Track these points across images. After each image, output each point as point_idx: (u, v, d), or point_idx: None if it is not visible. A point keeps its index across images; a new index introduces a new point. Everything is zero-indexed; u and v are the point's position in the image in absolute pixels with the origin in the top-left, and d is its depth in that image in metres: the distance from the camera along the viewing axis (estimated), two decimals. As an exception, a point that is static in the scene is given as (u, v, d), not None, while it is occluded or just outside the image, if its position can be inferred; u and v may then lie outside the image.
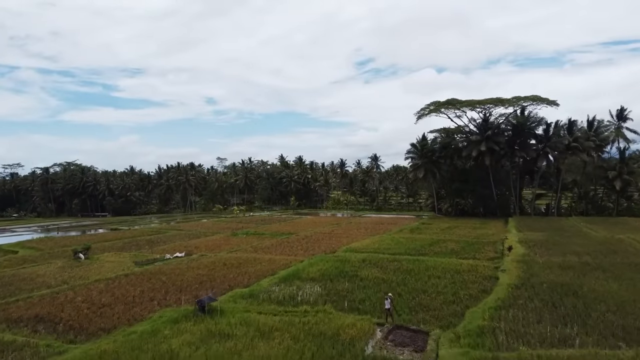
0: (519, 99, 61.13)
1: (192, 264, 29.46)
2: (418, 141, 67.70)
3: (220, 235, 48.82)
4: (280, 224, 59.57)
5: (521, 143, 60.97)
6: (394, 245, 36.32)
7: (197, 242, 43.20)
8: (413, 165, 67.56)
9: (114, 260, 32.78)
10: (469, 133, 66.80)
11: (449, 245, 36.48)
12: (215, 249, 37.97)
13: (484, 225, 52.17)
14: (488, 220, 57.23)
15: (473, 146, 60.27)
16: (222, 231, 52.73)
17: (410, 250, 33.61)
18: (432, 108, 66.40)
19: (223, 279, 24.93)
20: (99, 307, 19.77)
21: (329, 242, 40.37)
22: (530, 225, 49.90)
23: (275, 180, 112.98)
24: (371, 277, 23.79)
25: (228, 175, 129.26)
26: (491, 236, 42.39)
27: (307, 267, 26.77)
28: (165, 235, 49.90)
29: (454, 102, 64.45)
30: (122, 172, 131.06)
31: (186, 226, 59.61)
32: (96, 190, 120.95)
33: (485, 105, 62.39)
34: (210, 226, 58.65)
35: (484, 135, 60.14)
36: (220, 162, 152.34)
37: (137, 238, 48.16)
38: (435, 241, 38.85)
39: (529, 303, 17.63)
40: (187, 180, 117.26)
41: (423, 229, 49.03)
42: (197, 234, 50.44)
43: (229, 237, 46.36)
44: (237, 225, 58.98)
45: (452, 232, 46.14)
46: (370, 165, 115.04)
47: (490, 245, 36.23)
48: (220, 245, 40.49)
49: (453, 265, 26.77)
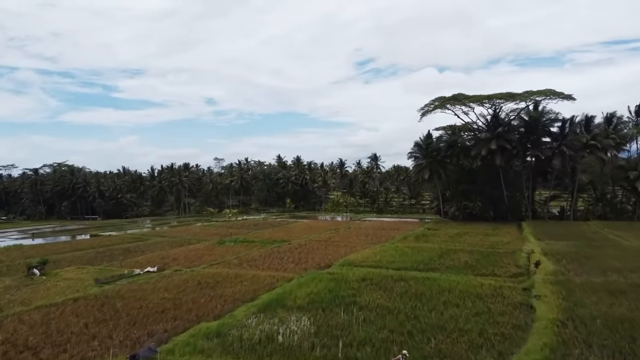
0: (531, 94, 56.49)
1: (161, 284, 24.84)
2: (422, 139, 62.88)
3: (205, 243, 44.25)
4: (274, 230, 54.97)
5: (534, 141, 56.27)
6: (398, 258, 31.70)
7: (177, 252, 38.62)
8: (417, 165, 62.73)
9: (73, 277, 28.17)
10: (477, 130, 62.18)
11: (462, 256, 31.87)
12: (195, 261, 33.42)
13: (496, 231, 47.55)
14: (499, 225, 52.58)
15: (482, 144, 55.51)
16: (210, 238, 48.16)
17: (418, 264, 29.00)
18: (437, 104, 61.77)
19: (191, 305, 20.30)
20: (18, 352, 15.17)
21: (324, 252, 35.76)
22: (547, 231, 45.28)
23: (271, 181, 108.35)
24: (373, 304, 19.17)
25: (224, 176, 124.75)
26: (507, 245, 37.79)
27: (295, 288, 22.15)
28: (146, 244, 45.35)
29: (460, 97, 59.83)
30: (113, 173, 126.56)
31: (172, 232, 55.01)
32: (86, 192, 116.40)
33: (495, 101, 57.72)
34: (198, 232, 54.08)
35: (494, 133, 55.41)
36: (218, 162, 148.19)
37: (114, 247, 43.60)
38: (445, 252, 34.23)
39: (589, 355, 12.95)
40: (180, 182, 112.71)
41: (429, 235, 44.38)
42: (181, 242, 45.89)
43: (215, 246, 41.77)
44: (226, 231, 54.40)
45: (462, 239, 41.52)
46: (370, 165, 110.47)
47: (509, 257, 31.65)
48: (202, 256, 35.90)
49: (472, 286, 22.14)
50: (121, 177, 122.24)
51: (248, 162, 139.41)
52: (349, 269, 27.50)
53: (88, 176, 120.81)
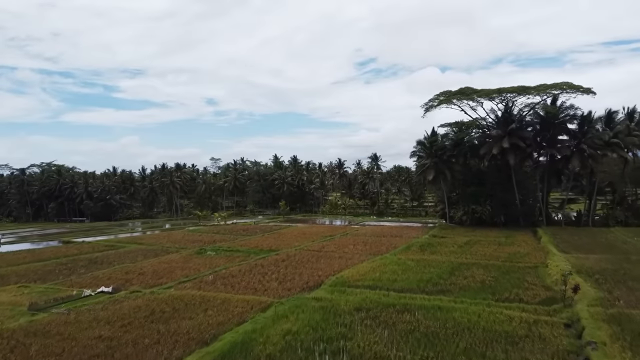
0: (546, 87, 51.45)
1: (105, 313, 19.86)
2: (427, 137, 57.59)
3: (184, 252, 39.32)
4: (263, 236, 49.99)
5: (550, 139, 51.19)
6: (401, 275, 26.75)
7: (147, 264, 33.66)
8: (420, 165, 57.48)
9: (7, 300, 23.19)
10: (487, 127, 57.15)
11: (476, 273, 26.92)
12: (164, 277, 28.51)
13: (510, 239, 42.52)
14: (512, 232, 47.54)
15: (493, 142, 50.38)
16: (190, 246, 43.22)
17: (426, 284, 24.05)
18: (442, 99, 56.73)
19: (129, 350, 15.29)
20: None
21: (315, 266, 30.80)
22: (569, 240, 40.25)
23: (266, 182, 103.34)
24: (369, 353, 14.18)
25: (217, 176, 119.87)
26: (526, 257, 32.80)
27: (269, 324, 17.17)
28: (118, 253, 40.47)
29: (467, 91, 54.82)
30: (102, 173, 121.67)
31: (150, 239, 50.00)
32: (73, 193, 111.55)
33: (506, 95, 52.65)
34: (179, 239, 49.08)
35: (506, 130, 50.33)
36: (215, 162, 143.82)
37: (81, 256, 38.65)
38: (456, 266, 29.26)
39: None
40: (171, 182, 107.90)
41: (436, 245, 39.35)
42: (157, 251, 40.94)
43: (192, 257, 36.81)
44: (211, 238, 49.45)
45: (474, 250, 36.52)
46: (371, 165, 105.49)
47: (532, 274, 26.75)
48: (174, 270, 30.95)
49: (497, 321, 17.15)
50: (110, 177, 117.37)
51: (244, 162, 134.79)
52: (342, 291, 22.55)
53: (76, 176, 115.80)
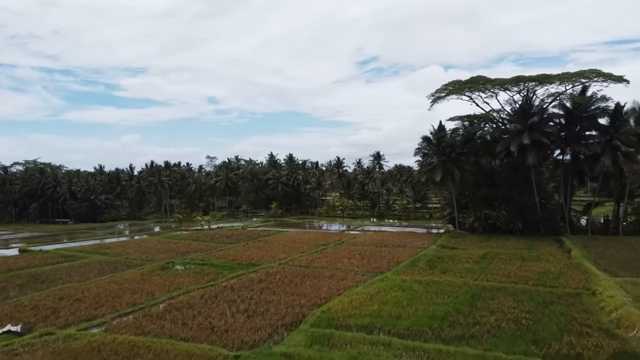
0: (571, 76, 44.91)
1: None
2: (433, 132, 50.83)
3: (147, 267, 33.04)
4: (247, 245, 43.73)
5: (577, 134, 44.67)
6: (407, 306, 20.46)
7: (94, 284, 27.41)
8: (427, 164, 50.73)
9: None
10: (502, 121, 50.67)
11: (505, 304, 20.60)
12: (103, 307, 22.33)
13: (533, 251, 36.08)
14: (533, 242, 41.11)
15: (511, 138, 43.85)
16: (159, 258, 36.97)
17: (440, 324, 17.76)
18: (450, 89, 50.25)
19: None
20: None
21: (298, 290, 24.50)
22: (606, 254, 33.77)
23: (260, 182, 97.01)
24: None
25: (208, 176, 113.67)
26: (560, 278, 26.38)
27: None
28: (71, 266, 34.29)
29: (480, 80, 48.35)
30: (88, 171, 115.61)
31: (117, 248, 43.60)
32: (56, 193, 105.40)
33: (527, 84, 46.13)
34: (150, 248, 42.79)
35: (526, 124, 43.88)
36: (211, 160, 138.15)
37: (25, 271, 32.41)
38: (476, 293, 22.91)
39: None
40: (159, 182, 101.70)
41: (447, 260, 32.93)
42: (117, 264, 34.66)
43: (154, 273, 30.50)
44: (187, 246, 43.22)
45: (494, 267, 30.11)
46: (372, 164, 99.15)
47: (577, 305, 20.48)
48: (122, 294, 24.68)
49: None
50: (96, 176, 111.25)
51: (238, 160, 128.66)
52: (326, 340, 16.22)
53: (59, 175, 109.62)
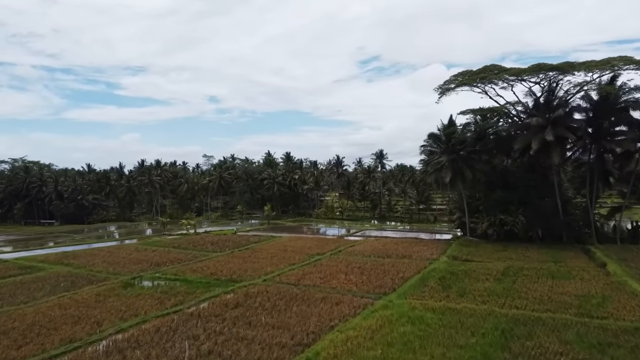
0: (598, 64, 39.67)
1: None
2: (442, 128, 45.68)
3: (109, 283, 28.07)
4: (232, 254, 38.72)
5: (606, 129, 39.42)
6: (419, 348, 15.53)
7: (34, 308, 22.43)
8: (435, 163, 45.39)
9: None
10: (518, 116, 45.44)
11: (548, 347, 15.53)
12: (25, 347, 17.43)
13: (561, 264, 30.89)
14: (558, 252, 35.95)
15: (532, 134, 38.61)
16: (127, 270, 31.98)
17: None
18: (460, 79, 45.05)
19: None
20: None
21: (279, 321, 19.37)
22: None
23: (255, 181, 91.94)
24: None
25: (202, 175, 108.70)
26: (607, 304, 21.18)
27: None
28: (23, 281, 29.49)
29: (494, 69, 43.18)
30: (76, 171, 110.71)
31: (85, 257, 38.48)
32: (42, 193, 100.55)
33: (546, 74, 40.90)
34: (122, 257, 37.78)
35: (548, 118, 38.71)
36: (208, 159, 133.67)
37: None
38: (507, 329, 17.78)
39: None
40: (150, 181, 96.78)
41: (462, 276, 27.77)
42: (75, 279, 29.68)
43: (111, 293, 25.46)
44: (164, 256, 38.20)
45: (521, 286, 24.89)
46: (375, 164, 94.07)
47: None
48: (58, 327, 19.62)
49: None
50: (84, 175, 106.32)
51: (234, 159, 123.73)
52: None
53: (45, 174, 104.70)
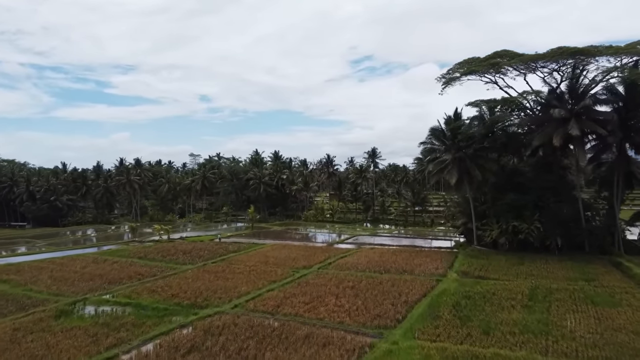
0: (629, 47, 34.43)
1: None
2: (448, 120, 39.81)
3: (46, 308, 22.30)
4: (203, 268, 33.00)
5: (635, 123, 34.13)
6: None
7: None
8: (437, 163, 40.06)
9: None
10: (533, 108, 40.16)
11: None
12: None
13: (594, 283, 25.64)
14: (584, 266, 30.67)
15: (553, 128, 33.22)
16: (75, 289, 26.18)
17: None
18: (467, 68, 39.68)
19: None
20: None
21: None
22: None
23: (240, 182, 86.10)
24: None
25: (185, 175, 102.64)
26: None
27: None
28: None
29: (506, 55, 37.90)
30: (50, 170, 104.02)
31: (30, 271, 32.31)
32: (12, 193, 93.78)
33: (566, 61, 35.61)
34: (75, 271, 31.85)
35: (571, 110, 33.47)
36: (194, 158, 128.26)
37: None
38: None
39: None
40: (128, 181, 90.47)
41: (479, 301, 22.29)
42: (8, 301, 23.96)
43: (40, 326, 19.63)
44: (125, 270, 32.42)
45: (558, 317, 19.49)
46: (367, 162, 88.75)
47: None
48: None
49: None
50: (59, 175, 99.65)
51: (220, 158, 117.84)
52: None
53: (16, 174, 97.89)
